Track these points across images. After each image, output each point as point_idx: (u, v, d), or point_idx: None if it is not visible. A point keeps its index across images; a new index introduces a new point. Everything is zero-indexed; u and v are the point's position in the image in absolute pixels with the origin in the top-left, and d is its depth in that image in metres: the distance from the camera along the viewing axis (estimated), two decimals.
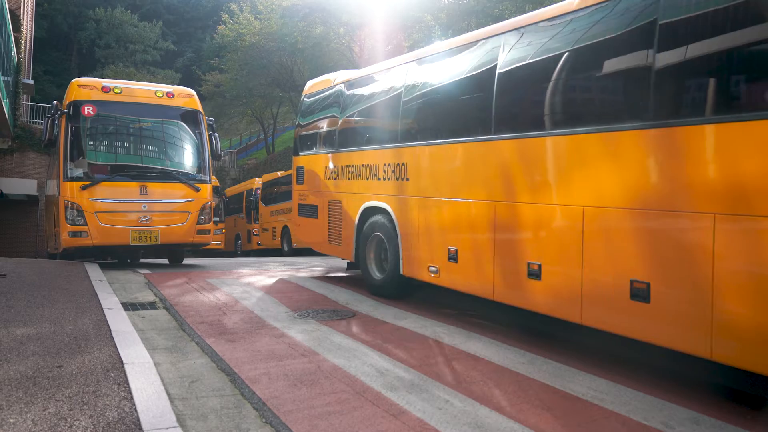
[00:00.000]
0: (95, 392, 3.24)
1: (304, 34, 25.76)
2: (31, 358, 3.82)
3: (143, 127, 9.41)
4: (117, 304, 5.80)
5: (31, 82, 26.47)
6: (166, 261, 10.79)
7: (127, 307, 5.78)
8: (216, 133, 9.84)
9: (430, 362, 4.02)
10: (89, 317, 5.08)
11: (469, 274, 5.06)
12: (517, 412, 3.15)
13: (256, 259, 13.33)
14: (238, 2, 33.14)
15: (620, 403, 3.29)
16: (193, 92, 10.03)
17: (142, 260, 10.71)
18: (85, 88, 9.10)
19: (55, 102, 9.17)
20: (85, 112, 8.84)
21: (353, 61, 27.33)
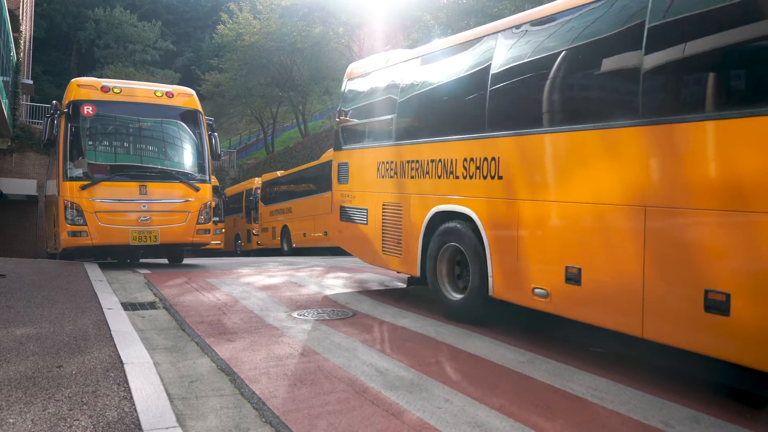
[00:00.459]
0: (95, 392, 3.24)
1: (304, 34, 25.77)
2: (31, 358, 3.82)
3: (143, 126, 9.38)
4: (117, 304, 5.80)
5: (31, 82, 26.47)
6: (166, 261, 10.80)
7: (127, 307, 5.78)
8: (215, 133, 9.84)
9: (430, 362, 4.03)
10: (89, 317, 5.08)
11: (601, 301, 3.91)
12: (517, 411, 3.15)
13: (255, 259, 13.34)
14: (238, 2, 33.15)
15: (620, 402, 3.29)
16: (193, 92, 10.01)
17: (142, 260, 10.71)
18: (85, 87, 9.09)
19: (54, 102, 9.16)
20: (85, 112, 8.83)
21: (353, 61, 27.35)
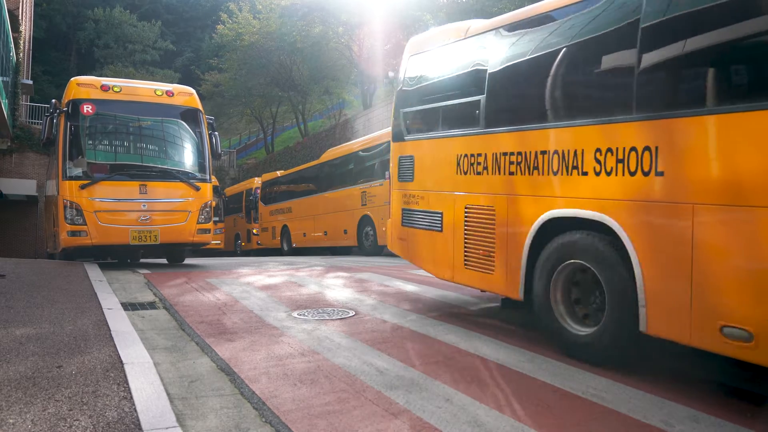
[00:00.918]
0: (95, 392, 3.23)
1: (303, 34, 25.78)
2: (31, 358, 3.82)
3: (143, 125, 9.33)
4: (116, 304, 5.80)
5: (30, 82, 26.50)
6: (165, 261, 10.79)
7: (127, 307, 5.78)
8: (216, 132, 9.76)
9: (430, 361, 4.02)
10: (89, 317, 5.08)
11: None
12: (517, 410, 3.15)
13: (255, 259, 13.33)
14: (237, 2, 33.17)
15: (620, 401, 3.29)
16: (193, 91, 9.95)
17: (142, 260, 10.71)
18: (84, 86, 9.03)
19: (54, 101, 9.09)
20: (85, 111, 8.78)
21: (352, 60, 27.35)
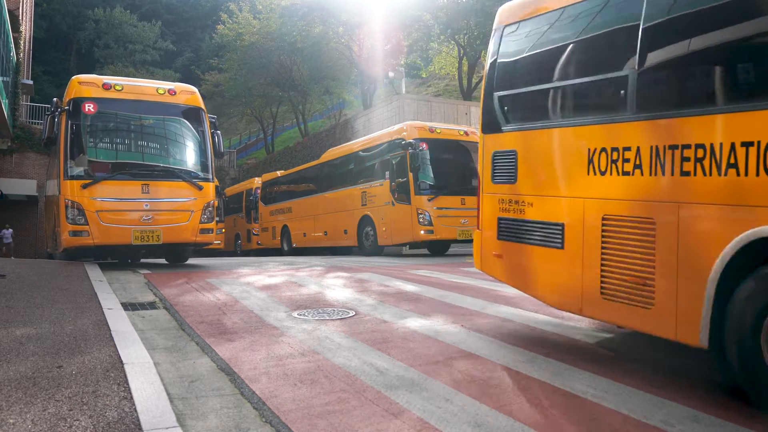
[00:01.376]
0: (95, 392, 3.24)
1: (303, 34, 25.78)
2: (31, 358, 3.82)
3: (145, 124, 9.22)
4: (117, 304, 5.80)
5: (30, 82, 26.56)
6: (165, 261, 10.77)
7: (127, 307, 5.78)
8: (218, 131, 9.65)
9: (430, 361, 4.02)
10: (89, 317, 5.08)
11: None
12: (517, 410, 3.15)
13: (255, 259, 13.34)
14: (237, 2, 33.19)
15: (620, 401, 3.29)
16: (195, 89, 9.83)
17: (143, 260, 10.71)
18: (86, 85, 8.92)
19: (55, 99, 8.98)
20: (86, 110, 8.67)
21: (352, 60, 27.34)
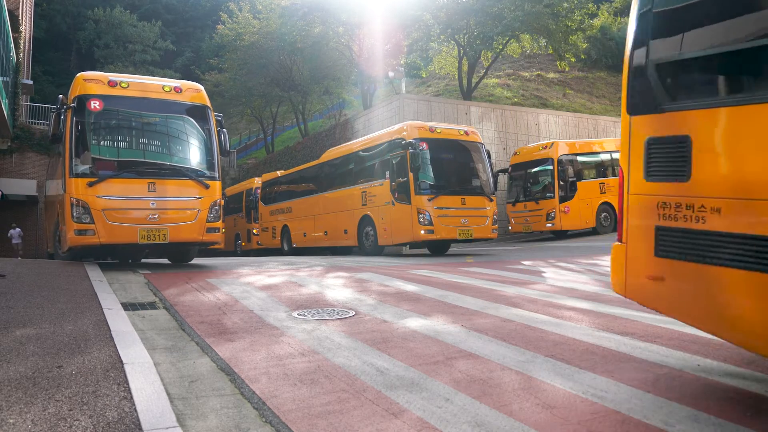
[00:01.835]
0: (95, 392, 3.23)
1: (303, 34, 25.77)
2: (31, 358, 3.82)
3: (151, 122, 9.08)
4: (117, 304, 5.80)
5: (30, 82, 26.57)
6: (166, 261, 10.77)
7: (127, 307, 5.78)
8: (224, 129, 9.53)
9: (430, 361, 4.02)
10: (89, 317, 5.08)
11: None
12: (517, 410, 3.15)
13: (255, 259, 13.34)
14: (237, 2, 33.20)
15: (620, 401, 3.28)
16: (201, 87, 9.71)
17: (143, 260, 10.70)
18: (91, 82, 8.79)
19: (60, 96, 8.85)
20: (92, 107, 8.55)
21: (352, 60, 27.33)
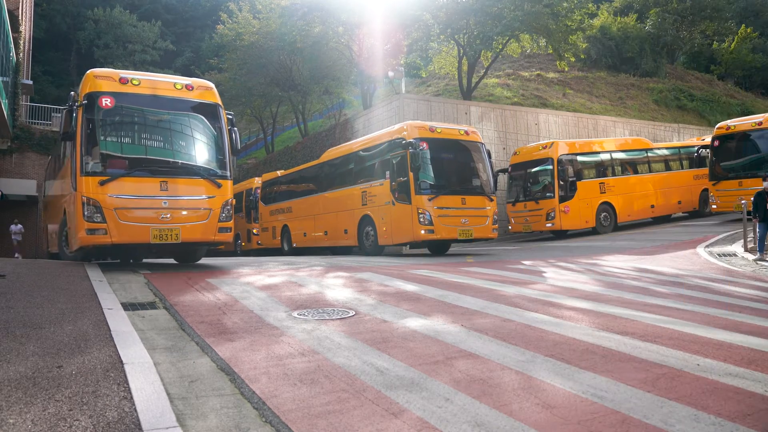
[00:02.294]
0: (95, 392, 3.23)
1: (303, 33, 25.73)
2: (31, 358, 3.82)
3: (162, 120, 8.92)
4: (117, 304, 5.80)
5: (30, 82, 26.56)
6: (166, 261, 10.76)
7: (127, 307, 5.78)
8: (235, 128, 9.41)
9: (430, 361, 4.02)
10: (89, 317, 5.08)
11: None
12: (518, 410, 3.15)
13: (255, 259, 13.33)
14: (237, 2, 33.16)
15: (620, 400, 3.29)
16: (212, 85, 9.59)
17: (144, 260, 10.69)
18: (102, 78, 8.62)
19: (72, 93, 8.72)
20: (103, 104, 8.39)
21: (352, 60, 27.33)
